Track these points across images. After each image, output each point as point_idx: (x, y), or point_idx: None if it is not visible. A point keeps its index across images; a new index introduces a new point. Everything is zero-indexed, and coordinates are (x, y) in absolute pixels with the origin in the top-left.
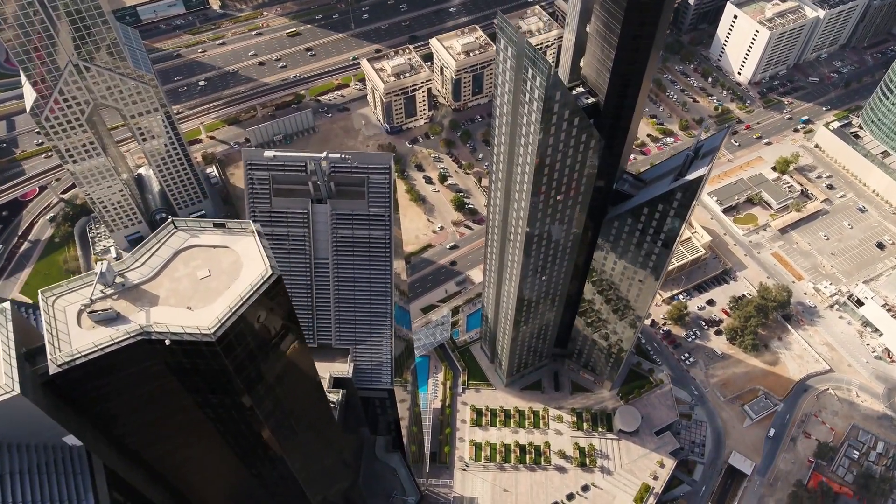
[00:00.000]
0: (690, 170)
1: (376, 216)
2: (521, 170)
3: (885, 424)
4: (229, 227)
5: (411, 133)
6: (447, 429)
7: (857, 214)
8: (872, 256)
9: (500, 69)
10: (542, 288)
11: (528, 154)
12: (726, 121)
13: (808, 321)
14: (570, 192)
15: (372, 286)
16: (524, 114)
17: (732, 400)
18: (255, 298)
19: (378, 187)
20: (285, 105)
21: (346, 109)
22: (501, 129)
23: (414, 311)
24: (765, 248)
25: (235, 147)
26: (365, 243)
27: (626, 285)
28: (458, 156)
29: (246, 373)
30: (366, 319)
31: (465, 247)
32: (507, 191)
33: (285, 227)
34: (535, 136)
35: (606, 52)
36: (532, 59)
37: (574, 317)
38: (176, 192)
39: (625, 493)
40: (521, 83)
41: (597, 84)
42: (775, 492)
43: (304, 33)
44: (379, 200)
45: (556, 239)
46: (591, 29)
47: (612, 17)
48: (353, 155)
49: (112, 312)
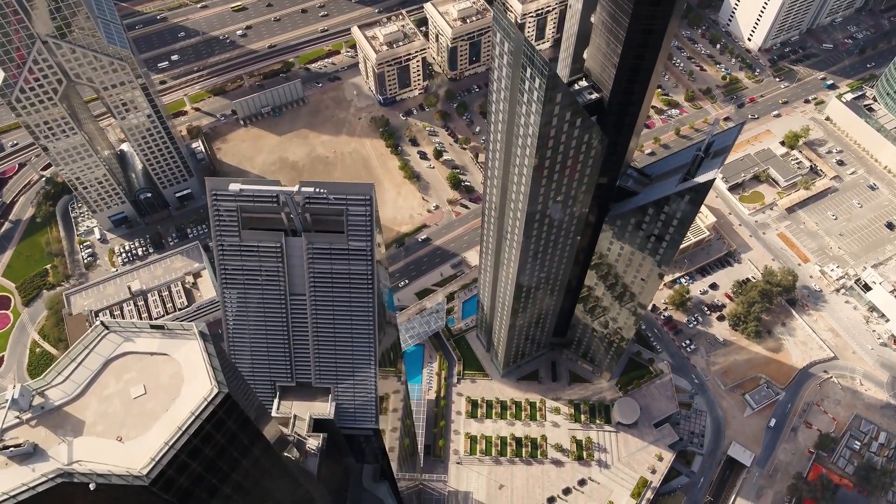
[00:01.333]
0: (700, 171)
1: (357, 250)
2: (518, 169)
3: (888, 414)
4: (169, 328)
5: (405, 104)
6: (441, 421)
7: (867, 193)
8: (882, 237)
9: (497, 63)
10: (541, 273)
11: (525, 156)
12: (734, 91)
13: (812, 306)
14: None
15: (353, 323)
16: (522, 114)
17: (733, 388)
18: (198, 426)
19: (358, 220)
20: (273, 74)
21: (338, 78)
22: (498, 117)
23: (408, 296)
24: (771, 229)
25: (222, 119)
26: (345, 278)
27: (631, 275)
28: (454, 129)
29: (196, 500)
30: (347, 357)
31: (461, 227)
32: (505, 170)
33: (257, 261)
34: (534, 139)
35: (612, 47)
36: (530, 57)
37: (574, 304)
38: (159, 170)
39: (622, 487)
40: (519, 81)
41: (601, 79)
42: (774, 483)
43: None
44: (359, 234)
45: (557, 220)
46: (597, 19)
47: (619, 8)
48: (331, 186)
49: (28, 447)
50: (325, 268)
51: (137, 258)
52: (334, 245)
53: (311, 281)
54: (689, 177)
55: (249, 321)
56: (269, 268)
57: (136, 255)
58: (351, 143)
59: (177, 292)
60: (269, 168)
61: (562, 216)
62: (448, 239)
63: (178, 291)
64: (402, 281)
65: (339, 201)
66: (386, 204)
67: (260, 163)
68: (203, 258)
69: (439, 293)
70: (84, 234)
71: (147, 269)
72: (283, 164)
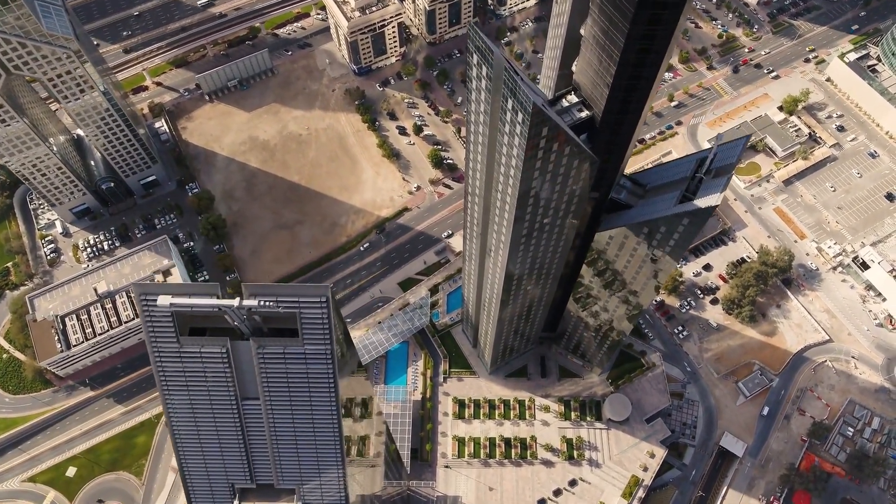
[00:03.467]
0: (701, 191)
1: (315, 354)
2: (502, 198)
3: (882, 398)
4: None
5: (382, 73)
6: (428, 424)
7: (866, 161)
8: (881, 210)
9: (474, 85)
10: (533, 263)
11: (508, 186)
12: (731, 50)
13: (808, 285)
14: (558, 210)
15: (316, 423)
16: (504, 143)
17: (726, 376)
18: None
19: (314, 323)
20: (239, 42)
21: (308, 45)
22: (478, 139)
23: (390, 286)
24: (767, 203)
25: (186, 95)
26: (303, 381)
27: (631, 274)
28: (435, 100)
29: None
30: (312, 457)
31: (445, 209)
32: (489, 156)
33: (200, 366)
34: (518, 171)
35: (605, 65)
36: (513, 89)
37: (566, 297)
38: (118, 157)
39: (613, 486)
40: (500, 111)
41: (592, 95)
42: (766, 474)
43: None
44: (317, 337)
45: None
46: (587, 33)
47: (613, 26)
48: (281, 289)
49: None
50: (279, 371)
51: (103, 252)
52: (289, 349)
53: (264, 385)
54: (689, 194)
55: (198, 423)
56: (216, 372)
57: (102, 250)
58: (325, 119)
59: None
60: (239, 149)
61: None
62: (431, 223)
63: None
64: (383, 270)
65: (290, 304)
66: (364, 186)
67: (228, 143)
68: (172, 253)
69: (422, 286)
70: (45, 228)
71: (114, 268)
72: (253, 143)
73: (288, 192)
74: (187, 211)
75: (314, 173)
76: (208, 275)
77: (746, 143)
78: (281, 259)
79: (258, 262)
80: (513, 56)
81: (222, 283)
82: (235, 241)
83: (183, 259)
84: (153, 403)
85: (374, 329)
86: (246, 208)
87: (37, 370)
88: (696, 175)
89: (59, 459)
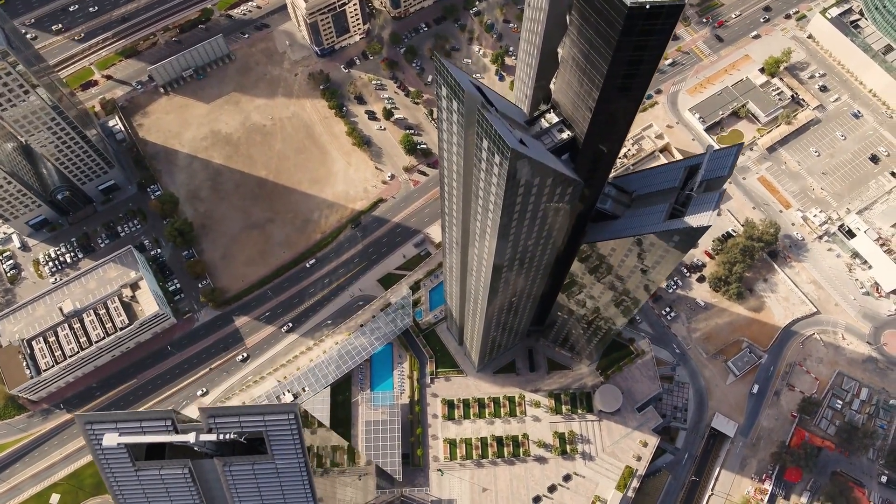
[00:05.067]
0: (692, 206)
1: (288, 468)
2: (482, 227)
3: (869, 368)
4: None
5: (346, 53)
6: (418, 428)
7: (850, 122)
8: (865, 173)
9: (444, 116)
10: (523, 255)
11: (487, 220)
12: (710, 9)
13: (794, 257)
14: (542, 233)
15: None
16: (481, 179)
17: (716, 355)
18: None
19: (283, 440)
20: (191, 25)
21: (266, 26)
22: (452, 168)
23: (370, 283)
24: (751, 173)
25: (139, 88)
26: (277, 497)
27: (626, 272)
28: (404, 80)
29: None
30: None
31: (421, 198)
32: (465, 185)
33: (163, 489)
34: (497, 209)
35: (586, 88)
36: (488, 131)
37: (556, 290)
38: (71, 164)
39: (607, 478)
40: (475, 147)
41: (573, 116)
42: (758, 452)
43: None
44: (287, 452)
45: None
46: (565, 53)
47: (595, 50)
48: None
49: None
50: (250, 488)
51: (67, 266)
52: (259, 466)
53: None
54: (679, 207)
55: None
56: (181, 494)
57: (65, 263)
58: (289, 106)
59: (115, 309)
60: (201, 144)
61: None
62: (408, 213)
63: (116, 308)
64: (361, 267)
65: (255, 423)
66: (336, 177)
67: (189, 139)
68: (139, 263)
69: (403, 284)
70: (2, 243)
71: (79, 283)
72: (215, 138)
73: (256, 188)
74: (151, 215)
75: (282, 167)
76: (179, 282)
77: (738, 153)
78: (254, 261)
79: (230, 265)
80: (483, 27)
81: (194, 290)
82: (205, 244)
83: (151, 268)
84: None
85: (357, 333)
86: (213, 209)
87: (8, 396)
88: (687, 186)
89: (41, 487)
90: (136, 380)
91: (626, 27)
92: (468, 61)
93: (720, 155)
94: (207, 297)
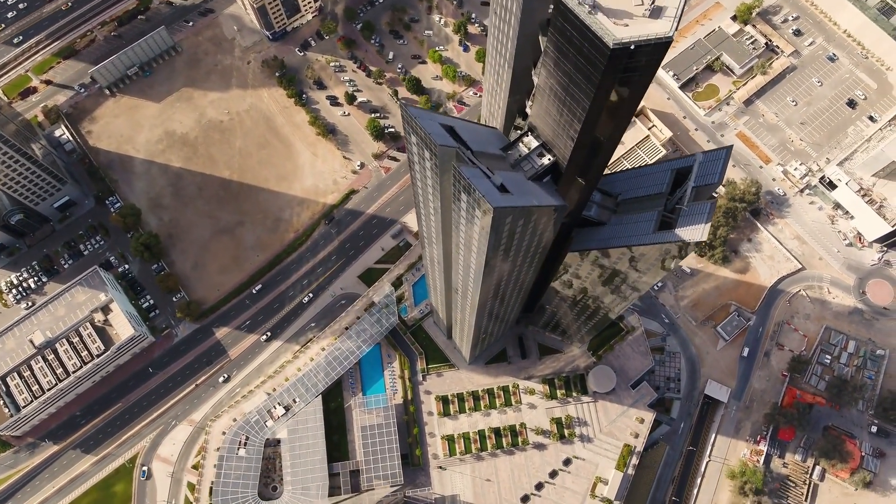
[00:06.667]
0: (682, 218)
1: None
2: (465, 272)
3: (856, 320)
4: None
5: (300, 35)
6: (415, 428)
7: (826, 66)
8: (843, 119)
9: (416, 159)
10: (510, 272)
11: (471, 263)
12: None
13: (777, 213)
14: (528, 253)
15: None
16: (461, 225)
17: (705, 322)
18: None
19: None
20: (130, 17)
21: (210, 11)
22: (429, 209)
23: (351, 280)
24: (729, 129)
25: (82, 92)
26: None
27: (623, 267)
28: (364, 59)
29: None
30: None
31: (394, 185)
32: (444, 223)
33: None
34: (482, 255)
35: (567, 119)
36: (467, 189)
37: (548, 279)
38: (18, 186)
39: (607, 458)
40: (454, 199)
41: (554, 142)
42: (751, 414)
43: None
44: None
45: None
46: (542, 81)
47: (575, 84)
48: None
49: None
50: None
51: (31, 292)
52: None
53: None
54: (669, 215)
55: None
56: None
57: (30, 289)
58: (246, 98)
59: (88, 335)
60: (156, 148)
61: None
62: (382, 203)
63: (89, 335)
64: (340, 264)
65: None
66: (303, 171)
67: (144, 143)
68: (107, 284)
69: (385, 282)
70: None
71: (47, 311)
72: (171, 139)
73: (220, 190)
74: (113, 230)
75: (245, 165)
76: (152, 298)
77: (728, 157)
78: (228, 268)
79: (203, 275)
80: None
81: (169, 305)
82: (174, 255)
83: (121, 285)
84: (124, 447)
85: (342, 337)
86: (178, 217)
87: None
88: (676, 193)
89: None
90: (121, 403)
91: (609, 67)
92: (429, 32)
93: (709, 159)
94: (183, 311)
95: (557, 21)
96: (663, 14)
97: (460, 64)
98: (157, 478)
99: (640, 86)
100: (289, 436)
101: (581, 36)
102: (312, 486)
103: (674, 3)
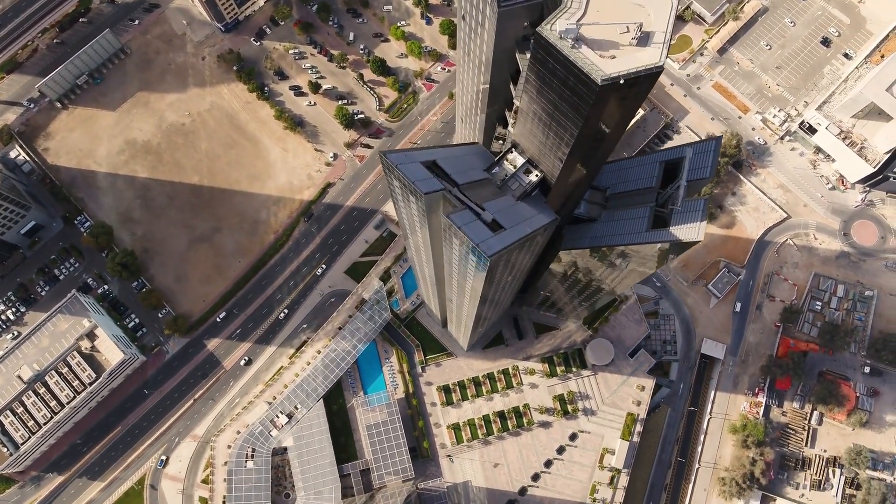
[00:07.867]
0: (676, 216)
1: None
2: (459, 290)
3: (843, 264)
4: None
5: (253, 23)
6: (420, 420)
7: (798, 5)
8: (819, 59)
9: (400, 201)
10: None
11: (466, 286)
12: None
13: (759, 163)
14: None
15: None
16: (454, 263)
17: (696, 281)
18: None
19: None
20: (71, 21)
21: (156, 6)
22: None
23: (338, 277)
24: (705, 81)
25: (32, 107)
26: None
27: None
28: (324, 43)
29: None
30: None
31: (371, 174)
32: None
33: None
34: (477, 291)
35: (554, 142)
36: (460, 238)
37: (544, 266)
38: None
39: (612, 429)
40: (445, 239)
41: (540, 160)
42: (748, 368)
43: None
44: None
45: None
46: (524, 106)
47: (561, 112)
48: None
49: None
50: None
51: (11, 323)
52: None
53: None
54: (661, 210)
55: None
56: None
57: (9, 321)
58: (205, 97)
59: (77, 364)
60: (119, 159)
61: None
62: (360, 194)
63: (78, 363)
64: (325, 261)
65: None
66: (275, 168)
67: (105, 155)
68: (88, 310)
69: (373, 277)
70: None
71: (30, 343)
72: (133, 149)
73: (192, 197)
74: (87, 251)
75: (214, 168)
76: (137, 317)
77: (718, 149)
78: (210, 278)
79: (186, 287)
80: None
81: (155, 321)
82: (153, 269)
83: (103, 307)
84: (130, 469)
85: (337, 338)
86: (151, 230)
87: None
88: (668, 189)
89: None
90: (121, 427)
91: (597, 100)
92: (389, 8)
93: (699, 151)
94: (171, 327)
95: (539, 54)
96: (651, 41)
97: (425, 38)
98: (169, 496)
99: (632, 108)
100: (295, 443)
101: (566, 70)
102: (325, 489)
103: (661, 27)
